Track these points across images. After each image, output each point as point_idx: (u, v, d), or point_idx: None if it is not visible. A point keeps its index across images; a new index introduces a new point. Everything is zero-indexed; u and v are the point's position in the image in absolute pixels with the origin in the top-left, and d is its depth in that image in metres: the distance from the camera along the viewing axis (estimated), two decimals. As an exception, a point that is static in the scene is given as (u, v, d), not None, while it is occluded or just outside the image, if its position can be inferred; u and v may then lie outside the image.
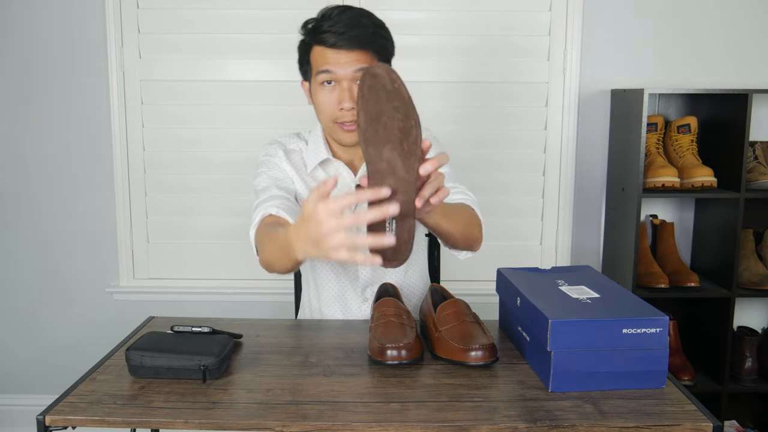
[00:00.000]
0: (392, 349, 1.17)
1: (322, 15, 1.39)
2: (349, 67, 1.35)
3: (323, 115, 1.42)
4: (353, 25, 1.35)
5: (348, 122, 1.39)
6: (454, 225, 1.29)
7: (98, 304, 2.45)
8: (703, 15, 2.30)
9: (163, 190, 2.39)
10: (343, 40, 1.34)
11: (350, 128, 1.39)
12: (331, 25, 1.35)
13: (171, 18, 2.30)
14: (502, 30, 2.31)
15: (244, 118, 2.35)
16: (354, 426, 1.00)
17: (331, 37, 1.34)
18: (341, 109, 1.37)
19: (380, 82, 1.02)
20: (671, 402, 1.07)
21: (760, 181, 2.14)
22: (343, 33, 1.34)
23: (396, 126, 1.02)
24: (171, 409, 1.05)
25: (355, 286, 1.53)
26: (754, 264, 2.22)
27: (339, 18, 1.35)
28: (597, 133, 2.36)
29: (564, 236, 2.40)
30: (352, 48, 1.35)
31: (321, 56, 1.37)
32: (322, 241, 0.96)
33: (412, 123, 1.01)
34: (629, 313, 1.11)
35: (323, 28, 1.36)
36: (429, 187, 1.05)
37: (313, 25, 1.39)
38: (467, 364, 1.17)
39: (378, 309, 1.29)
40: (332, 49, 1.35)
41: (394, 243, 0.98)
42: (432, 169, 1.02)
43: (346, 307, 1.54)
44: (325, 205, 0.94)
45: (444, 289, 1.42)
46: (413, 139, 1.01)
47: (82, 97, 2.34)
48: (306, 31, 1.41)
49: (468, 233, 1.36)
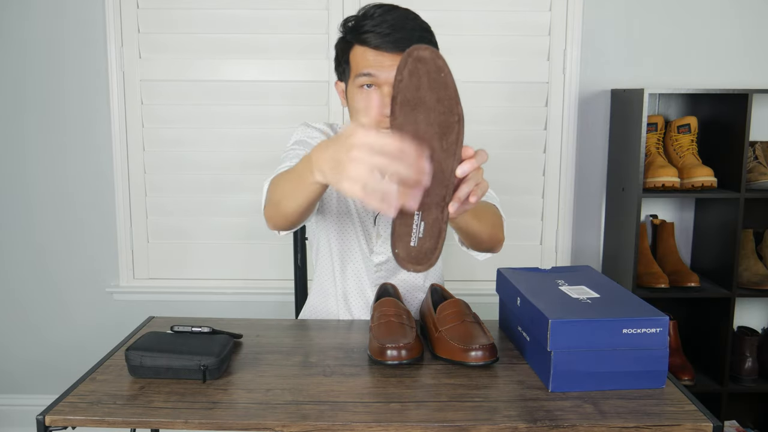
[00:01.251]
0: (392, 349, 1.17)
1: (364, 13, 1.31)
2: (392, 71, 1.26)
3: (359, 119, 1.32)
4: (399, 27, 1.27)
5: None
6: (482, 226, 1.24)
7: (98, 304, 2.45)
8: (704, 15, 2.30)
9: (163, 190, 2.39)
10: (387, 43, 1.26)
11: None
12: (375, 25, 1.27)
13: (171, 18, 2.30)
14: (501, 30, 2.31)
15: (244, 118, 2.35)
16: (354, 426, 1.00)
17: (375, 38, 1.26)
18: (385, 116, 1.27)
19: (425, 66, 0.90)
20: (671, 402, 1.07)
21: (760, 181, 2.14)
22: (388, 35, 1.26)
23: (436, 120, 0.91)
24: (171, 409, 1.05)
25: (371, 278, 1.51)
26: (754, 264, 2.22)
27: (383, 18, 1.27)
28: (597, 133, 2.37)
29: (564, 236, 2.40)
30: (397, 51, 1.26)
31: (362, 58, 1.29)
32: (343, 165, 0.85)
33: (455, 119, 0.91)
34: (629, 313, 1.11)
35: (366, 27, 1.28)
36: (465, 187, 0.95)
37: (355, 23, 1.31)
38: (467, 364, 1.17)
39: (378, 309, 1.29)
40: (375, 51, 1.27)
41: (411, 209, 0.89)
42: (470, 169, 0.94)
43: (363, 295, 1.52)
44: (366, 133, 0.84)
45: (444, 289, 1.42)
46: (454, 138, 0.91)
47: (82, 97, 2.34)
48: (347, 29, 1.33)
49: (494, 234, 1.32)
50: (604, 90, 2.34)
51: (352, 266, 1.53)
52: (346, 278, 1.54)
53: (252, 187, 2.35)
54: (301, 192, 1.07)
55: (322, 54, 2.29)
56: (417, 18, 1.32)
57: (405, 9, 1.32)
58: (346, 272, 1.53)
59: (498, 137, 2.36)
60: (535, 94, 2.34)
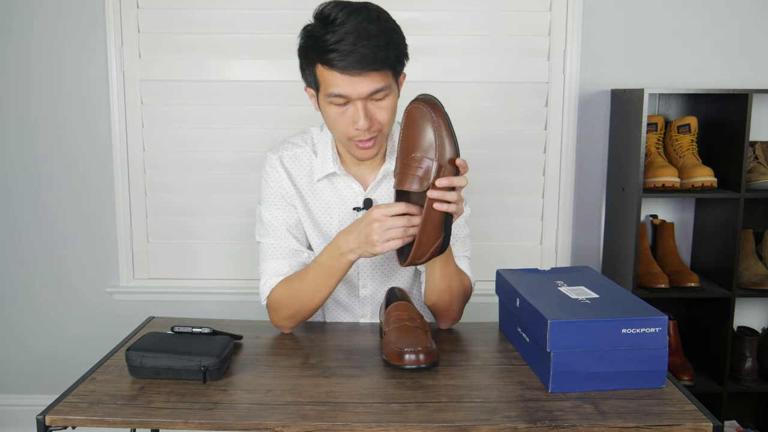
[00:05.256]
0: (411, 353, 1.17)
1: (323, 20, 1.23)
2: (363, 89, 1.23)
3: (335, 130, 1.31)
4: (362, 38, 1.19)
5: (364, 140, 1.29)
6: (446, 282, 1.34)
7: (98, 304, 2.45)
8: (704, 15, 2.30)
9: (163, 190, 2.39)
10: (353, 63, 1.19)
11: (365, 145, 1.30)
12: (337, 41, 1.19)
13: (171, 18, 2.30)
14: (502, 30, 2.31)
15: (244, 118, 2.35)
16: (354, 426, 1.00)
17: (339, 59, 1.19)
18: (357, 129, 1.27)
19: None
20: (671, 402, 1.07)
21: (760, 181, 2.14)
22: (352, 52, 1.18)
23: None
24: (171, 409, 1.05)
25: (355, 302, 1.50)
26: (754, 264, 2.22)
27: (344, 28, 1.19)
28: (597, 133, 2.36)
29: (564, 236, 2.40)
30: (364, 71, 1.21)
31: (330, 78, 1.23)
32: (370, 236, 1.21)
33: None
34: (628, 313, 1.11)
35: (328, 45, 1.20)
36: (441, 193, 1.17)
37: (316, 39, 1.23)
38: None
39: (392, 313, 1.27)
40: (342, 74, 1.21)
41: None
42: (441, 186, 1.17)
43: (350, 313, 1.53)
44: (378, 209, 1.22)
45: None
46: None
47: (82, 97, 2.34)
48: (308, 42, 1.26)
49: (449, 303, 1.38)
50: (604, 90, 2.34)
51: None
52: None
53: (252, 187, 2.35)
54: (336, 276, 1.32)
55: (322, 54, 2.29)
56: (379, 17, 1.23)
57: (366, 7, 1.23)
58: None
59: (498, 137, 2.36)
60: (535, 94, 2.34)
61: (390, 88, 1.27)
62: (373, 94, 1.25)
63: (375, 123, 1.28)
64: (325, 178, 1.41)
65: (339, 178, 1.42)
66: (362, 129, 1.27)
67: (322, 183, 1.42)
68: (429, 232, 1.19)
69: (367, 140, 1.30)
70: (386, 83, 1.25)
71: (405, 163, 1.20)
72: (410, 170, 1.18)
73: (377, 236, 1.21)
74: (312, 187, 1.43)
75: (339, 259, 1.29)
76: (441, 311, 1.40)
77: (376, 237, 1.21)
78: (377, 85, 1.24)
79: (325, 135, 1.42)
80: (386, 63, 1.23)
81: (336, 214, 1.43)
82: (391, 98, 1.29)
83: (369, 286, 1.48)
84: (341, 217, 1.43)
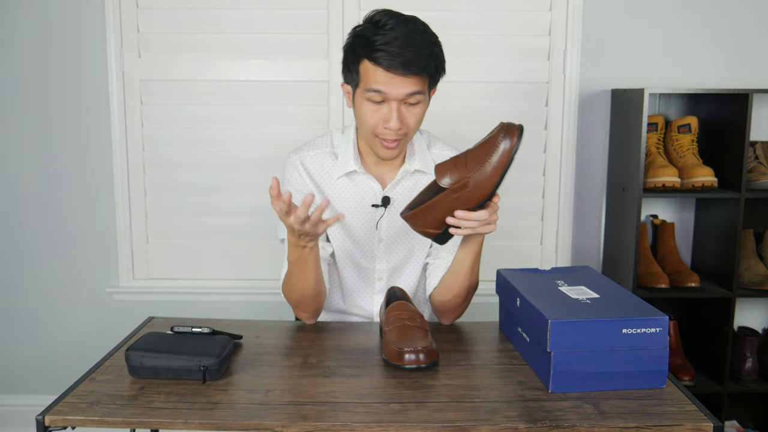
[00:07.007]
0: (410, 353, 1.17)
1: (374, 24, 1.32)
2: (402, 90, 1.31)
3: (365, 125, 1.38)
4: (408, 44, 1.29)
5: (389, 140, 1.37)
6: (471, 279, 1.39)
7: (98, 304, 2.45)
8: (704, 15, 2.30)
9: (162, 190, 2.39)
10: (398, 65, 1.29)
11: (390, 145, 1.37)
12: (386, 43, 1.29)
13: (170, 18, 2.30)
14: (502, 30, 2.31)
15: (245, 118, 2.35)
16: (354, 426, 1.00)
17: (386, 58, 1.29)
18: (386, 128, 1.35)
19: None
20: (671, 402, 1.07)
21: (761, 181, 2.14)
22: (398, 54, 1.28)
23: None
24: (171, 409, 1.05)
25: (370, 292, 1.54)
26: (755, 264, 2.22)
27: (394, 33, 1.29)
28: (597, 133, 2.36)
29: (564, 236, 2.40)
30: (407, 74, 1.30)
31: (372, 75, 1.32)
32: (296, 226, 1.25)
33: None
34: (629, 313, 1.11)
35: (377, 44, 1.29)
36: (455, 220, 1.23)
37: (365, 38, 1.32)
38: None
39: (392, 313, 1.27)
40: (386, 71, 1.30)
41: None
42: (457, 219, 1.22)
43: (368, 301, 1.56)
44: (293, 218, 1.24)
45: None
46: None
47: (82, 97, 2.34)
48: (357, 41, 1.34)
49: (464, 298, 1.43)
50: (604, 90, 2.34)
51: (350, 274, 1.55)
52: (344, 280, 1.55)
53: (252, 187, 2.35)
54: (308, 264, 1.35)
55: (321, 54, 2.29)
56: (426, 31, 1.34)
57: (414, 20, 1.34)
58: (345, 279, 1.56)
59: (498, 137, 2.35)
60: (535, 94, 2.34)
61: (424, 95, 1.36)
62: (409, 97, 1.33)
63: (404, 126, 1.36)
64: (345, 176, 1.48)
65: (359, 176, 1.48)
66: (392, 129, 1.35)
67: (342, 180, 1.48)
68: (431, 217, 1.24)
69: (393, 140, 1.37)
70: (422, 89, 1.34)
71: (457, 158, 1.24)
72: (449, 165, 1.24)
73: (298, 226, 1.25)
74: (332, 183, 1.49)
75: (296, 250, 1.32)
76: (453, 307, 1.44)
77: (297, 226, 1.25)
78: (415, 88, 1.32)
79: (347, 137, 1.49)
80: (426, 70, 1.32)
81: (355, 209, 1.49)
82: (422, 105, 1.37)
83: (384, 279, 1.53)
84: (360, 212, 1.49)
